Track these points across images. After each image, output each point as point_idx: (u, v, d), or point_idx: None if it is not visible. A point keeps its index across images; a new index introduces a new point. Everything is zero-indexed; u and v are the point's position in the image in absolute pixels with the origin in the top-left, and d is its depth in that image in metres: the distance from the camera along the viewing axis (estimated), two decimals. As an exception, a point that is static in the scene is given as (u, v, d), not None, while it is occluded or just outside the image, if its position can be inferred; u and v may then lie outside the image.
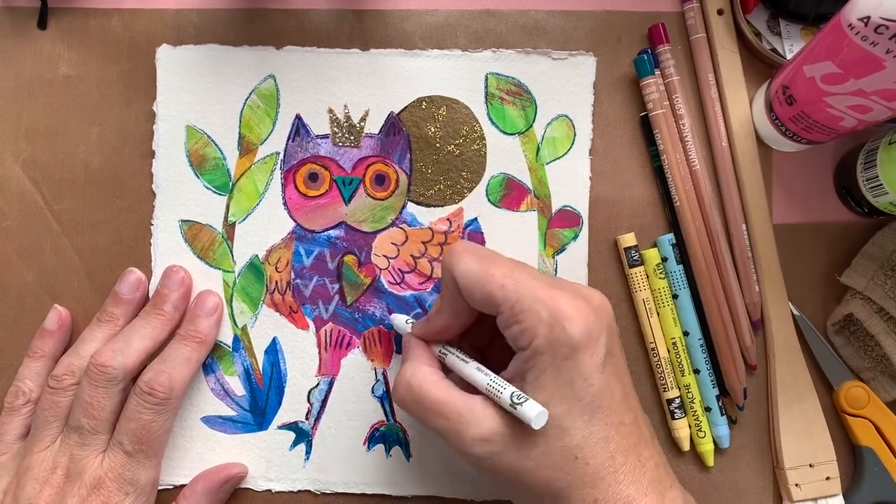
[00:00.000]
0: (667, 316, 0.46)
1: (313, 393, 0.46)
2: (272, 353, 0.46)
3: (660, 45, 0.46)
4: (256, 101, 0.46)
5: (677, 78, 0.46)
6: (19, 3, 0.47)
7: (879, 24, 0.33)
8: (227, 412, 0.46)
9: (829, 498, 0.45)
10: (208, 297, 0.45)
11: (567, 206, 0.47)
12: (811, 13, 0.46)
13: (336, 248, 0.46)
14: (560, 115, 0.47)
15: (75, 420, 0.41)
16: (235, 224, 0.46)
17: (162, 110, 0.46)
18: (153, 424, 0.41)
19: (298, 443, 0.46)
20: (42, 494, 0.40)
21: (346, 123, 0.46)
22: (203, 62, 0.46)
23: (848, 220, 0.47)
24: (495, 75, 0.47)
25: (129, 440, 0.41)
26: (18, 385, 0.44)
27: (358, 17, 0.47)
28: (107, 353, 0.42)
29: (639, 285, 0.46)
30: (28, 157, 0.47)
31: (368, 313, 0.46)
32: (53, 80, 0.47)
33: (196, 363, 0.44)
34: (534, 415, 0.33)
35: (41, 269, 0.47)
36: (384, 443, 0.46)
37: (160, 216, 0.46)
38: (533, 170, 0.47)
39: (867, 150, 0.43)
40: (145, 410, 0.41)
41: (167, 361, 0.42)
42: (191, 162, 0.46)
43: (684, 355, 0.46)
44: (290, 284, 0.46)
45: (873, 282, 0.45)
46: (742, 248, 0.46)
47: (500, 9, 0.47)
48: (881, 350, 0.45)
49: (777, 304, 0.46)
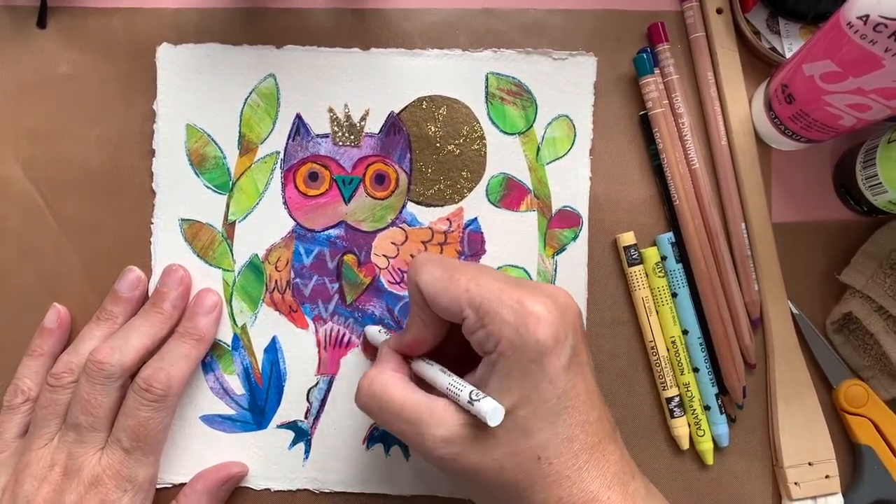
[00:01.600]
0: (666, 315, 0.46)
1: (313, 392, 0.46)
2: (272, 352, 0.46)
3: (659, 43, 0.46)
4: (257, 101, 0.46)
5: (676, 77, 0.46)
6: (19, 2, 0.47)
7: (878, 23, 0.33)
8: (227, 411, 0.46)
9: (829, 496, 0.45)
10: (207, 295, 0.45)
11: (567, 207, 0.47)
12: (810, 12, 0.46)
13: (336, 248, 0.46)
14: (560, 115, 0.47)
15: (73, 417, 0.41)
16: (235, 223, 0.46)
17: (162, 109, 0.46)
18: (151, 421, 0.41)
19: (298, 442, 0.46)
20: (40, 492, 0.40)
21: (346, 123, 0.46)
22: (203, 61, 0.46)
23: (847, 218, 0.47)
24: (496, 75, 0.47)
25: (127, 437, 0.41)
26: (17, 383, 0.44)
27: (358, 16, 0.47)
28: (105, 351, 0.42)
29: (638, 284, 0.46)
30: (28, 157, 0.47)
31: (368, 313, 0.46)
32: (53, 80, 0.47)
33: (194, 361, 0.44)
34: (489, 410, 0.33)
35: (41, 269, 0.47)
36: (383, 442, 0.46)
37: (160, 215, 0.46)
38: (533, 170, 0.47)
39: (866, 149, 0.44)
40: (143, 407, 0.41)
41: (165, 359, 0.42)
42: (191, 161, 0.46)
43: (684, 354, 0.46)
44: (290, 283, 0.46)
45: (872, 280, 0.45)
46: (741, 247, 0.46)
47: (501, 7, 0.47)
48: (880, 348, 0.45)
49: (776, 302, 0.46)
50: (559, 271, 0.46)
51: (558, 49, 0.47)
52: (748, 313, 0.46)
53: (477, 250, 0.46)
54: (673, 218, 0.46)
